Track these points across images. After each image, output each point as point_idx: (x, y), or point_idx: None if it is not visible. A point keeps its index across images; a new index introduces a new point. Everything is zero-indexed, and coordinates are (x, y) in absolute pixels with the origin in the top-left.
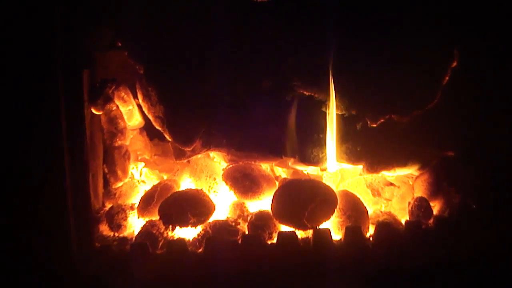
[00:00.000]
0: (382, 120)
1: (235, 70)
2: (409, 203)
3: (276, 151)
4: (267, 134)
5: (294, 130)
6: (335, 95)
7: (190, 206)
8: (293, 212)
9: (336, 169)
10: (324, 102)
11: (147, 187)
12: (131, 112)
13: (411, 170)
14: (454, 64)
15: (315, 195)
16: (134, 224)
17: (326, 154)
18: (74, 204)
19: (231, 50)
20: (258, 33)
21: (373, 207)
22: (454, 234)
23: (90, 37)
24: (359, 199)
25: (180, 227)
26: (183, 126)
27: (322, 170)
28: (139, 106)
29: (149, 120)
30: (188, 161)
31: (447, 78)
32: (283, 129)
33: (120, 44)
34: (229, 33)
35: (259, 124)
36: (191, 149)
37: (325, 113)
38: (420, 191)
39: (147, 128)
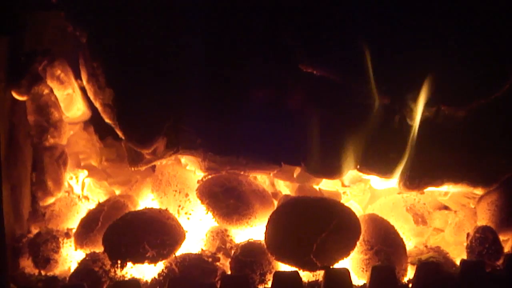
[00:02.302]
0: (427, 114)
1: (215, 39)
2: (468, 234)
3: (272, 157)
4: (260, 131)
5: (298, 126)
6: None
7: (148, 234)
8: (297, 245)
9: (361, 184)
10: (343, 86)
11: (91, 205)
12: (70, 98)
13: (470, 188)
14: None
15: (328, 220)
16: (70, 258)
17: (345, 161)
18: None
19: (211, 10)
20: None
21: (415, 240)
22: None
23: None
24: (393, 227)
25: (134, 263)
26: (139, 118)
27: (344, 186)
28: (83, 90)
29: (97, 110)
30: (153, 170)
31: None
32: (283, 125)
33: (54, 1)
34: None
35: (248, 118)
36: (150, 151)
37: (343, 102)
38: (485, 219)
39: (95, 122)
